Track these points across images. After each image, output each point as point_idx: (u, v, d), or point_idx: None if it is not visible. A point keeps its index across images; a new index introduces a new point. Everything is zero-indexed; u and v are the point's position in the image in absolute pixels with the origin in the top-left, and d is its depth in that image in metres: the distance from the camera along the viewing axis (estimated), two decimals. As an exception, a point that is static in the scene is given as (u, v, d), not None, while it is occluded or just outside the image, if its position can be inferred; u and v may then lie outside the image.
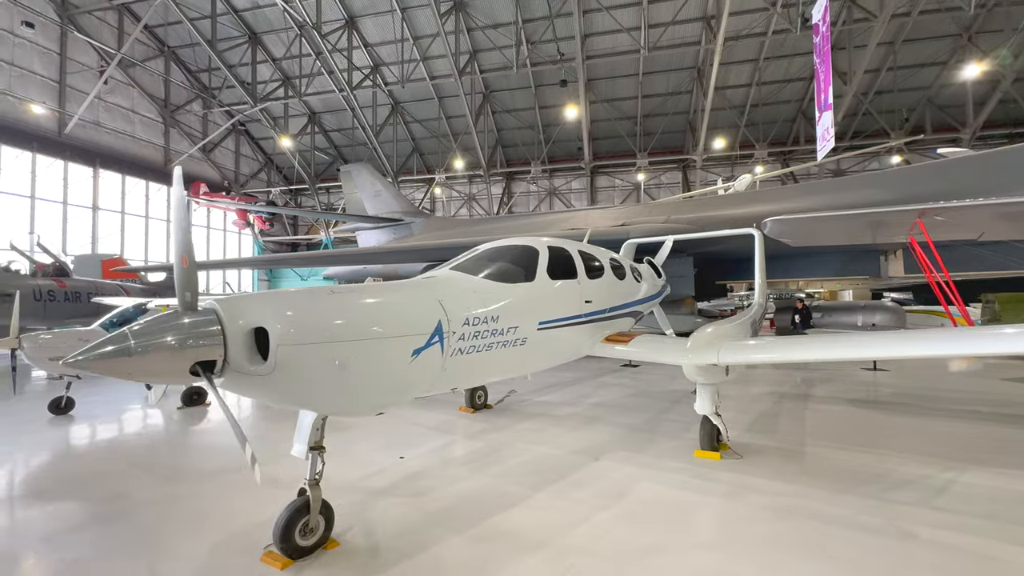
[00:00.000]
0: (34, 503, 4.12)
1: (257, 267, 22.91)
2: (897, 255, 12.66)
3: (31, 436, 6.09)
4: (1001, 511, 3.69)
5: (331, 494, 4.15)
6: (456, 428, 6.25)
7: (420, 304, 3.40)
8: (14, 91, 22.46)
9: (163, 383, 2.54)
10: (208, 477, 4.64)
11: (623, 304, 5.92)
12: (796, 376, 10.05)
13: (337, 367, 2.86)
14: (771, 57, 27.44)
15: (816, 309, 16.76)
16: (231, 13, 27.71)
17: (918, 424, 6.27)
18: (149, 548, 3.36)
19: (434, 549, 3.27)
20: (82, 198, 26.06)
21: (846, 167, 30.77)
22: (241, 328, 2.65)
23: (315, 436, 3.27)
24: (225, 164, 34.44)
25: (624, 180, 33.88)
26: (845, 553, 3.14)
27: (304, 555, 3.13)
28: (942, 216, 6.39)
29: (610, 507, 3.88)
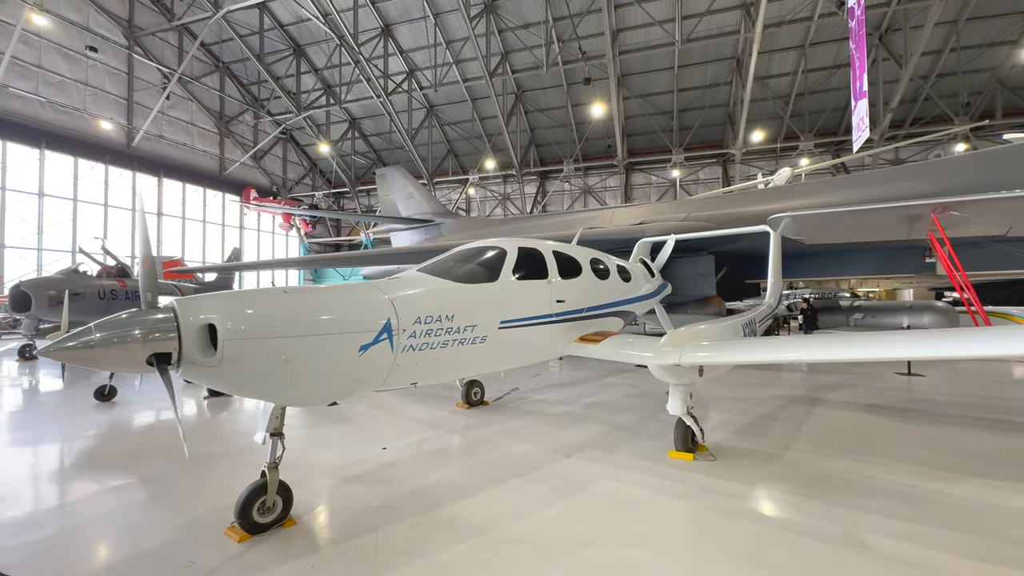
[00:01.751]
0: (67, 474, 4.73)
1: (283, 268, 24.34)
2: (939, 252, 11.76)
3: (77, 419, 6.88)
4: (972, 524, 3.48)
5: (308, 478, 4.54)
6: (445, 423, 6.48)
7: (369, 303, 3.64)
8: (88, 109, 24.89)
9: (123, 372, 2.91)
10: (214, 459, 5.09)
11: (606, 304, 5.95)
12: (818, 379, 9.61)
13: (282, 360, 3.15)
14: (818, 43, 26.04)
15: (857, 310, 15.79)
16: (277, 28, 29.39)
17: (929, 433, 5.89)
18: (139, 515, 3.80)
19: (381, 531, 3.51)
20: (148, 205, 28.46)
21: (906, 157, 28.66)
22: (193, 324, 2.97)
23: (274, 423, 3.59)
24: (274, 170, 36.54)
25: (660, 177, 33.12)
26: (778, 558, 3.10)
27: (261, 531, 3.45)
28: (959, 211, 5.95)
29: (560, 502, 3.97)
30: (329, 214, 36.35)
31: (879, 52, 24.87)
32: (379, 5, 27.34)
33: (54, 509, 3.96)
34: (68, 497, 4.22)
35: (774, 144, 29.94)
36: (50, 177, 23.70)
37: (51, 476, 4.76)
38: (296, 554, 3.19)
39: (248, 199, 32.26)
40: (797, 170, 19.81)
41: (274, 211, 33.39)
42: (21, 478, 4.69)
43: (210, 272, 21.30)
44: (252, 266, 24.38)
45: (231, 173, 32.75)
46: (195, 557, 3.17)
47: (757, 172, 28.42)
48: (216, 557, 3.17)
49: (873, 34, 24.72)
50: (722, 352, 4.45)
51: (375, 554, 3.20)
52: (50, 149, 23.48)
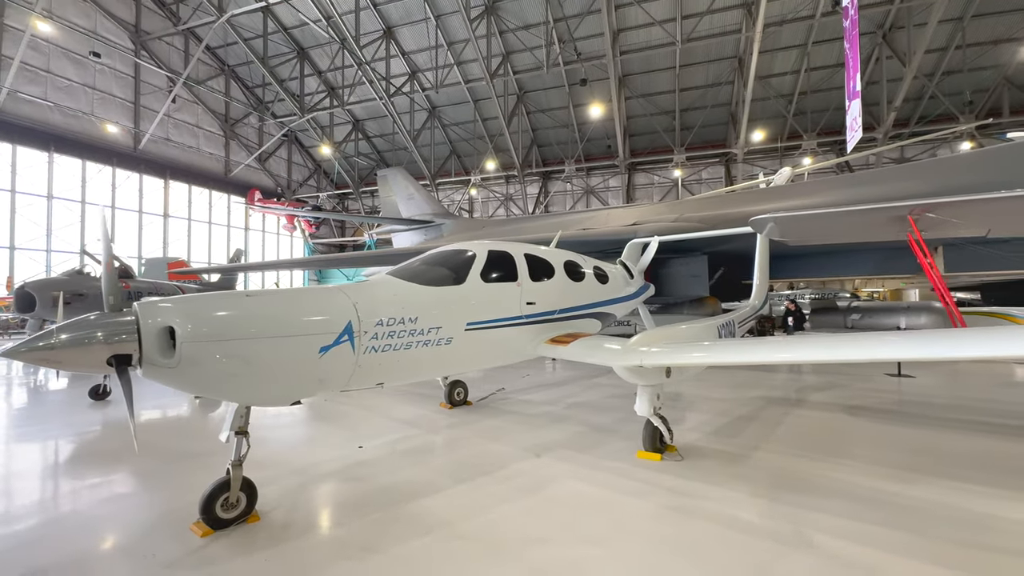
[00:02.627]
0: (50, 470, 4.89)
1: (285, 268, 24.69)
2: (938, 252, 11.72)
3: (70, 418, 7.08)
4: (923, 526, 3.51)
5: (281, 476, 4.66)
6: (425, 423, 6.58)
7: (329, 306, 3.75)
8: (96, 113, 25.37)
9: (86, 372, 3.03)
10: (197, 457, 5.21)
11: (580, 306, 6.02)
12: (807, 380, 9.60)
13: (240, 362, 3.27)
14: (821, 41, 25.82)
15: (854, 310, 15.65)
16: (281, 31, 29.73)
17: (905, 434, 5.89)
18: (113, 510, 3.93)
19: (340, 528, 3.62)
20: (154, 207, 28.95)
21: (911, 155, 28.34)
22: (152, 327, 3.09)
23: (239, 422, 3.70)
24: (279, 172, 36.96)
25: (662, 177, 33.03)
26: (722, 557, 3.16)
27: (224, 526, 3.57)
28: (935, 213, 5.94)
29: (521, 501, 4.05)
30: (330, 215, 36.70)
31: (882, 50, 24.65)
32: (381, 7, 27.58)
33: (30, 504, 4.11)
34: (46, 493, 4.38)
35: (777, 143, 29.76)
36: (59, 180, 24.19)
37: (33, 472, 4.92)
38: (252, 549, 3.31)
39: (253, 200, 32.66)
40: (798, 170, 19.71)
41: (278, 212, 33.78)
42: (2, 475, 4.85)
43: (213, 273, 21.62)
44: (255, 267, 24.70)
45: (236, 175, 33.18)
46: (158, 550, 3.29)
47: (759, 172, 28.27)
48: (177, 550, 3.29)
49: (876, 32, 24.52)
50: (685, 354, 4.50)
51: (329, 549, 3.30)
52: (59, 152, 23.98)
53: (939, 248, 11.50)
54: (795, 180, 17.76)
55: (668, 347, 4.68)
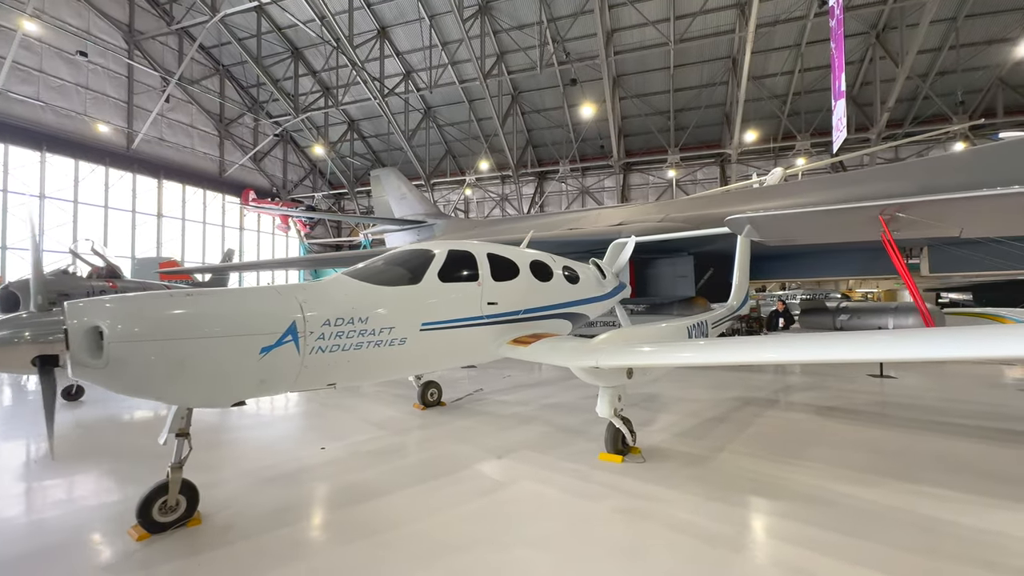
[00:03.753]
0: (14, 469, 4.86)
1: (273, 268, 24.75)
2: (924, 253, 11.67)
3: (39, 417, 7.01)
4: (868, 529, 3.45)
5: (235, 478, 4.61)
6: (394, 424, 6.54)
7: (272, 306, 3.69)
8: (89, 113, 25.34)
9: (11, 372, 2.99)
10: (160, 457, 5.13)
11: (547, 306, 5.96)
12: (787, 381, 9.54)
13: (173, 362, 3.21)
14: (814, 41, 25.72)
15: (843, 311, 15.59)
16: (275, 31, 29.70)
17: (873, 436, 5.83)
18: (57, 512, 3.88)
19: (280, 531, 3.56)
20: (148, 207, 28.93)
21: (906, 156, 28.26)
22: (79, 327, 3.04)
23: (179, 424, 3.65)
24: (274, 172, 36.92)
25: (657, 177, 32.96)
26: (660, 559, 3.10)
27: (162, 530, 3.51)
28: (906, 213, 5.88)
29: (472, 502, 4.00)
30: (323, 215, 36.68)
31: (876, 50, 24.59)
32: (374, 7, 27.54)
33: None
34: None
35: (772, 144, 29.69)
36: (51, 179, 24.16)
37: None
38: (185, 553, 3.25)
39: (247, 200, 32.64)
40: (790, 170, 19.65)
41: (272, 212, 33.76)
42: (-40, 475, 4.81)
43: (203, 272, 21.59)
44: (245, 267, 24.71)
45: (231, 175, 33.14)
46: (90, 554, 3.25)
47: (753, 172, 28.19)
48: (108, 554, 3.24)
49: (870, 32, 24.46)
50: (643, 355, 4.45)
51: (263, 554, 3.25)
52: (51, 152, 23.94)
53: (924, 249, 11.45)
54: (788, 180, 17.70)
55: (627, 348, 4.63)
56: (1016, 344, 3.00)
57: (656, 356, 4.44)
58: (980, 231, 6.78)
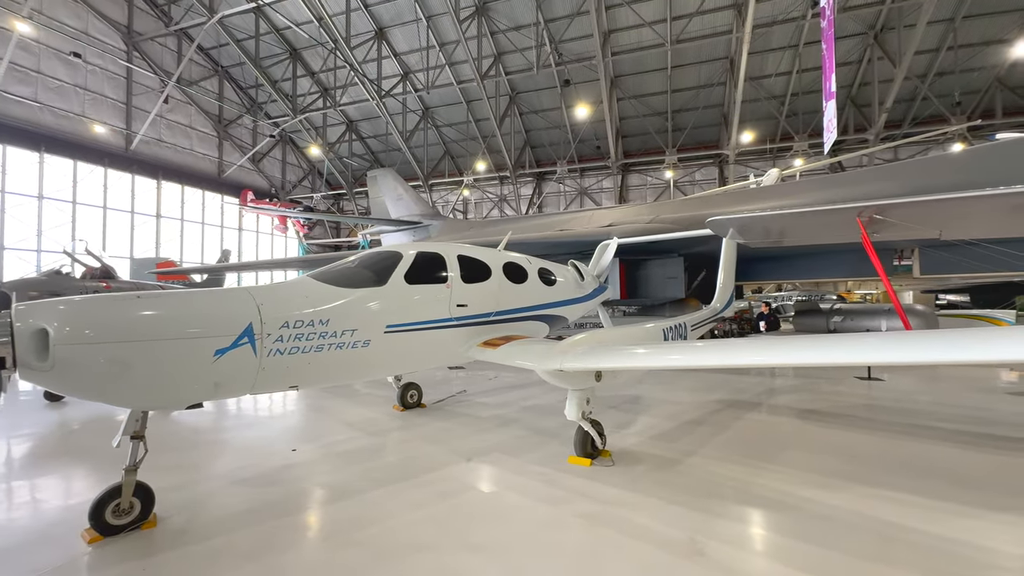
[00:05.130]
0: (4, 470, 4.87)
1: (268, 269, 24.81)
2: (915, 254, 11.59)
3: (18, 419, 7.07)
4: (827, 536, 3.40)
5: (199, 480, 4.60)
6: (370, 425, 6.52)
7: (227, 308, 3.68)
8: (87, 113, 25.49)
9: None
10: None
11: (521, 308, 5.94)
12: (773, 383, 9.47)
13: (120, 365, 3.20)
14: (812, 42, 25.58)
15: (836, 312, 15.53)
16: (273, 32, 29.80)
17: (848, 439, 5.77)
18: (14, 515, 3.88)
19: (236, 534, 3.55)
20: (147, 207, 29.06)
21: (904, 157, 28.11)
22: (25, 329, 3.03)
23: (134, 426, 3.64)
24: (273, 172, 37.04)
25: (655, 178, 32.89)
26: (610, 565, 3.07)
27: (116, 532, 3.50)
28: (883, 215, 5.83)
29: (431, 506, 3.98)
30: (320, 216, 36.77)
31: (874, 51, 24.49)
32: (372, 8, 27.61)
33: (-63, 507, 4.06)
34: (-43, 495, 4.33)
35: (770, 144, 29.60)
36: (49, 180, 24.29)
37: (-43, 474, 4.88)
38: (136, 556, 3.24)
39: (245, 201, 32.76)
40: (787, 171, 19.56)
41: (270, 213, 33.87)
42: (-72, 475, 4.82)
43: (199, 273, 21.66)
44: (241, 267, 24.80)
45: (230, 175, 33.26)
46: (39, 557, 3.24)
47: (751, 173, 28.11)
48: (58, 557, 3.22)
49: (868, 33, 24.36)
50: (609, 358, 4.41)
51: (212, 557, 3.23)
52: (49, 153, 24.08)
53: (916, 250, 11.37)
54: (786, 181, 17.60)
55: (593, 350, 4.59)
56: (1003, 348, 2.94)
57: (622, 359, 4.40)
58: (959, 233, 6.72)
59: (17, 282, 14.07)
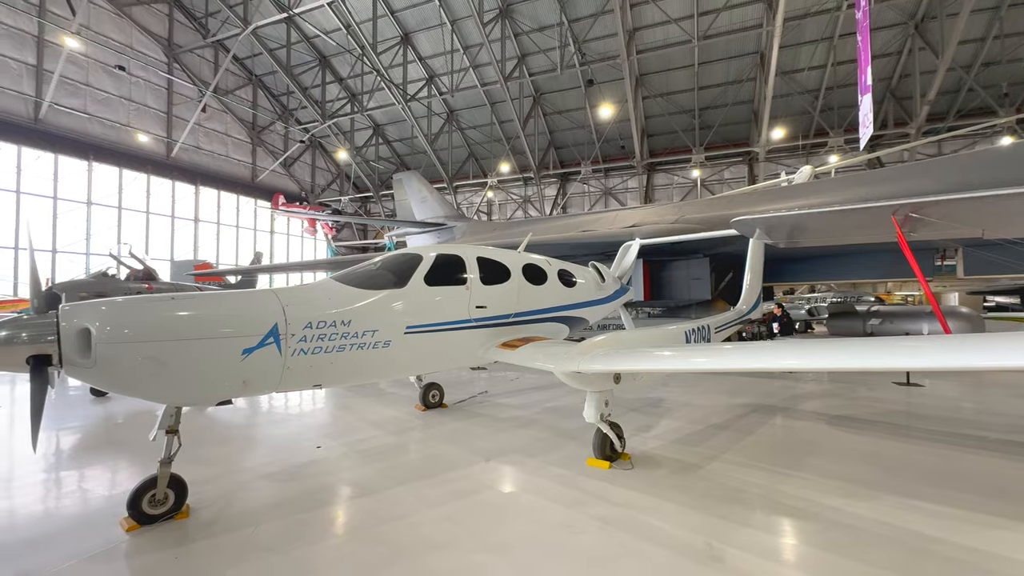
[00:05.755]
0: (20, 463, 5.20)
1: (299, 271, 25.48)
2: (958, 254, 11.06)
3: (66, 412, 7.52)
4: (852, 546, 3.30)
5: (228, 473, 4.80)
6: (392, 424, 6.65)
7: (254, 308, 3.83)
8: (131, 123, 26.79)
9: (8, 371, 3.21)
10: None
11: (541, 309, 5.95)
12: (804, 388, 9.18)
13: (157, 362, 3.38)
14: (848, 33, 24.69)
15: (874, 315, 14.92)
16: (304, 40, 30.68)
17: (879, 447, 5.55)
18: (61, 503, 4.15)
19: (261, 527, 3.69)
20: (186, 211, 30.33)
21: (949, 151, 26.77)
22: (70, 328, 3.24)
23: (168, 421, 3.83)
24: (303, 176, 38.09)
25: (682, 177, 32.30)
26: (624, 569, 3.06)
27: (152, 522, 3.70)
28: (919, 213, 5.58)
29: (447, 505, 4.04)
30: (347, 218, 37.56)
31: (915, 41, 23.43)
32: (398, 14, 28.07)
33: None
34: (11, 484, 4.64)
35: (802, 141, 28.64)
36: (97, 187, 25.65)
37: (1, 463, 5.22)
38: (168, 545, 3.41)
39: (277, 205, 33.83)
40: (820, 168, 18.91)
41: (300, 216, 34.84)
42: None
43: (234, 274, 22.47)
44: (274, 268, 25.59)
45: (263, 180, 34.38)
46: (80, 543, 3.44)
47: (782, 171, 27.28)
48: (97, 543, 3.43)
49: (908, 23, 23.33)
50: (628, 360, 4.38)
51: (239, 548, 3.37)
52: (97, 161, 25.41)
53: (959, 250, 10.85)
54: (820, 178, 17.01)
55: (612, 352, 4.57)
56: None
57: (641, 361, 4.36)
58: (1004, 232, 6.36)
59: (67, 284, 14.88)
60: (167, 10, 28.25)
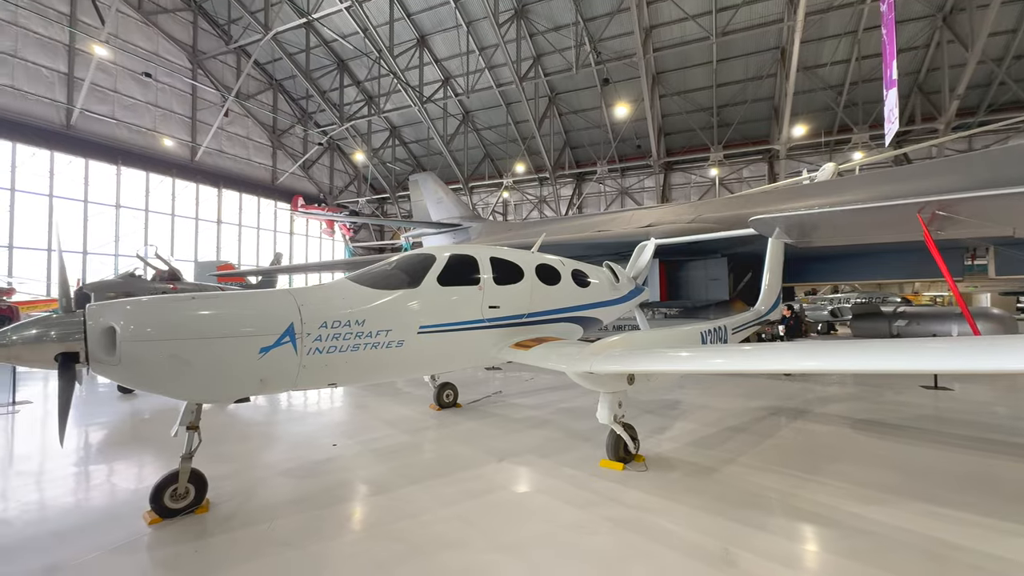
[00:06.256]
0: (50, 456, 5.40)
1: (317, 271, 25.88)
2: (989, 253, 10.70)
3: (95, 409, 7.78)
4: (869, 553, 3.21)
5: (247, 469, 4.90)
6: (407, 423, 6.70)
7: (271, 308, 3.91)
8: (158, 128, 27.58)
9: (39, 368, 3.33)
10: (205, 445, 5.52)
11: (554, 310, 5.93)
12: (827, 391, 8.96)
13: (178, 360, 3.48)
14: (873, 27, 24.04)
15: (900, 316, 14.49)
16: (322, 45, 31.17)
17: (904, 452, 5.39)
18: (88, 496, 4.29)
19: (278, 522, 3.76)
20: (209, 214, 31.08)
21: (980, 147, 25.85)
22: (96, 327, 3.35)
23: (189, 417, 3.93)
24: (321, 178, 38.70)
25: (700, 176, 31.86)
26: (636, 571, 3.03)
27: (173, 515, 3.80)
28: (947, 211, 5.40)
29: (460, 504, 4.06)
30: (365, 219, 38.03)
31: (943, 34, 22.70)
32: (414, 17, 28.32)
33: (5, 491, 4.54)
34: (28, 478, 4.81)
35: (825, 137, 27.97)
36: (125, 190, 26.47)
37: (30, 458, 5.41)
38: (188, 538, 3.50)
39: (296, 207, 34.44)
40: (843, 165, 18.46)
41: (318, 217, 35.41)
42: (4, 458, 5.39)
43: (255, 275, 22.95)
44: (293, 269, 26.05)
45: (282, 182, 35.03)
46: (103, 535, 3.56)
47: (804, 168, 26.70)
48: (120, 535, 3.54)
49: (936, 15, 22.62)
50: (640, 361, 4.34)
51: (256, 542, 3.44)
52: (125, 165, 26.21)
53: (990, 249, 10.49)
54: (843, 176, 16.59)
55: (625, 353, 4.53)
56: None
57: (655, 362, 4.31)
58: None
59: (96, 284, 15.38)
60: (191, 18, 29.00)
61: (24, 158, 22.49)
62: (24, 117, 22.19)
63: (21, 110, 22.15)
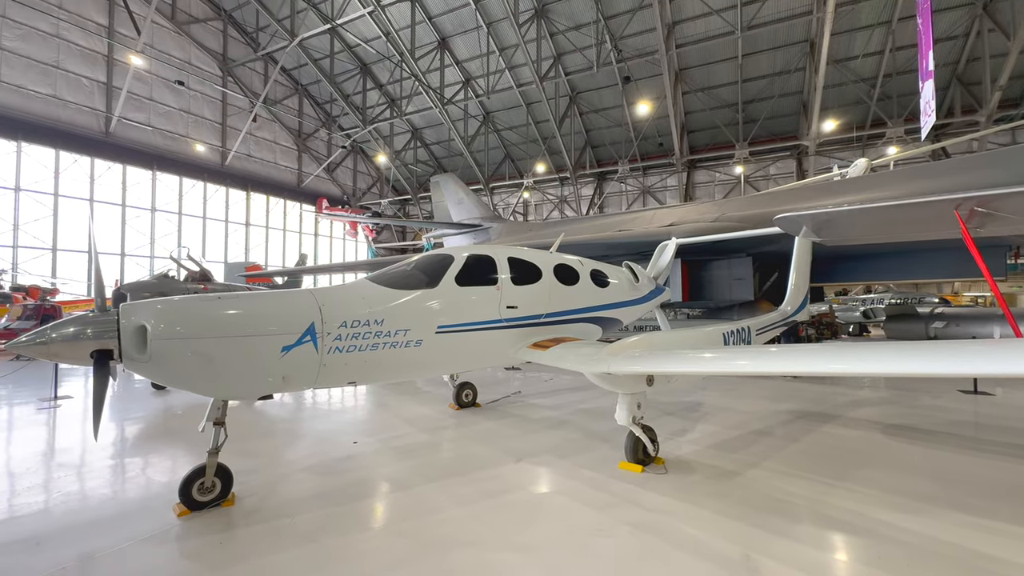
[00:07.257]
0: (87, 450, 5.64)
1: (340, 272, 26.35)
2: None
3: (129, 404, 8.10)
4: (901, 563, 3.08)
5: (270, 465, 5.02)
6: (426, 422, 6.76)
7: (292, 308, 3.99)
8: (190, 134, 28.55)
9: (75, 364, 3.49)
10: (234, 440, 5.60)
11: (572, 310, 5.90)
12: (857, 395, 8.66)
13: (205, 358, 3.59)
14: (908, 16, 23.13)
15: (938, 317, 13.86)
16: (346, 50, 31.75)
17: (939, 459, 5.15)
18: (122, 488, 4.47)
19: (298, 517, 3.84)
20: (238, 216, 32.00)
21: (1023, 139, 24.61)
22: (128, 325, 3.49)
23: (216, 413, 4.05)
24: (345, 180, 39.44)
25: (725, 174, 31.22)
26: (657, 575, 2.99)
27: (200, 508, 3.92)
28: (986, 207, 5.14)
29: (476, 503, 4.07)
30: (387, 220, 38.57)
31: (983, 22, 21.67)
32: (435, 20, 28.58)
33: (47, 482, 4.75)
34: (68, 470, 5.03)
35: (857, 132, 27.02)
36: (160, 194, 27.49)
37: (70, 451, 5.67)
38: (214, 530, 3.61)
39: (320, 209, 35.18)
40: (877, 160, 17.81)
41: (342, 219, 36.09)
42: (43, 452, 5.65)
43: (281, 275, 23.52)
44: (318, 270, 26.63)
45: (307, 185, 35.85)
46: (135, 525, 3.70)
47: (835, 164, 25.86)
48: (152, 526, 3.67)
49: (976, 3, 21.61)
50: (658, 362, 4.27)
51: (277, 536, 3.53)
52: (160, 171, 27.25)
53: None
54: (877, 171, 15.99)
55: (644, 354, 4.47)
56: None
57: (675, 363, 4.24)
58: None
59: (132, 285, 15.99)
60: (222, 27, 29.92)
61: (66, 164, 23.61)
62: (66, 125, 23.29)
63: (63, 119, 23.25)
